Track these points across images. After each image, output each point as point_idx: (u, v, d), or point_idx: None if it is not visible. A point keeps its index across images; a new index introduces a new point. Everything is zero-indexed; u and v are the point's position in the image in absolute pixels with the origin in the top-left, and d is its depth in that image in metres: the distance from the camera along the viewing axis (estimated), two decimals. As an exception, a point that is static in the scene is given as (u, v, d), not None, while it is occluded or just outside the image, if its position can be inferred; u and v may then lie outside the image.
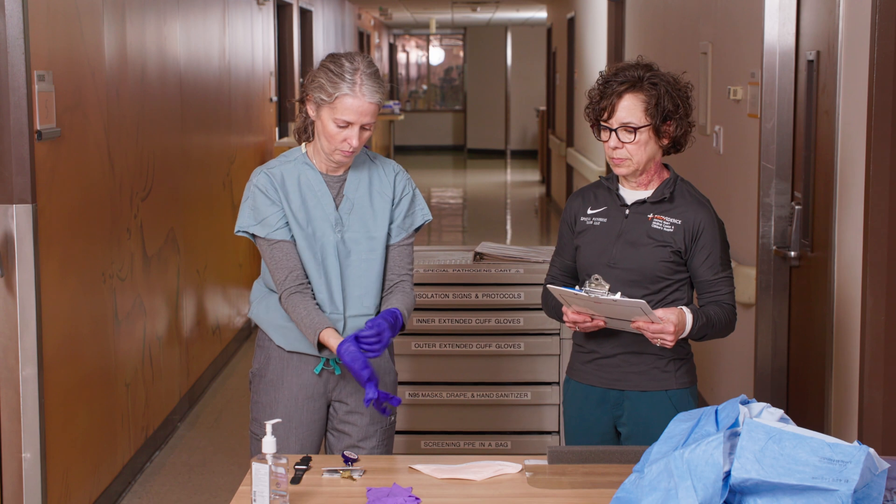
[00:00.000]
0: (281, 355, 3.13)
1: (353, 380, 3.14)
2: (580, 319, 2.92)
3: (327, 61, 3.02)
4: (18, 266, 3.84)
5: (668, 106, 2.94)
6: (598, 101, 2.98)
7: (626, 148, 2.94)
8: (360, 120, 2.97)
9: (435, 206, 15.10)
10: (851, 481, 2.11)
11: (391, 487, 2.61)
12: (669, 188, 3.01)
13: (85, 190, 4.39)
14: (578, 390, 3.13)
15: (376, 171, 3.14)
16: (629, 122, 2.93)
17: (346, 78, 2.96)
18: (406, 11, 18.35)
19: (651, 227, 2.98)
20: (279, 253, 3.04)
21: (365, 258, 3.09)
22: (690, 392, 3.07)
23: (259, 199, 3.05)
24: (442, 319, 4.39)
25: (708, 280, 2.98)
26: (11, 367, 3.87)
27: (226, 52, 6.97)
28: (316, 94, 2.99)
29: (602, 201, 3.07)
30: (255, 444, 3.17)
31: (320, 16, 12.14)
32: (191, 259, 6.04)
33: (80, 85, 4.34)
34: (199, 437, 5.55)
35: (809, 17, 4.29)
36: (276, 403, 3.13)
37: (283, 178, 3.07)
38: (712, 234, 2.98)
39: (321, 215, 3.07)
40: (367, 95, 2.96)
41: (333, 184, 3.10)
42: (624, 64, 3.03)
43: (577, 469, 2.73)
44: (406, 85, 25.29)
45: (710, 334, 2.96)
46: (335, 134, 2.98)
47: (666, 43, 6.89)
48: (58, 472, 4.10)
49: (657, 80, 2.95)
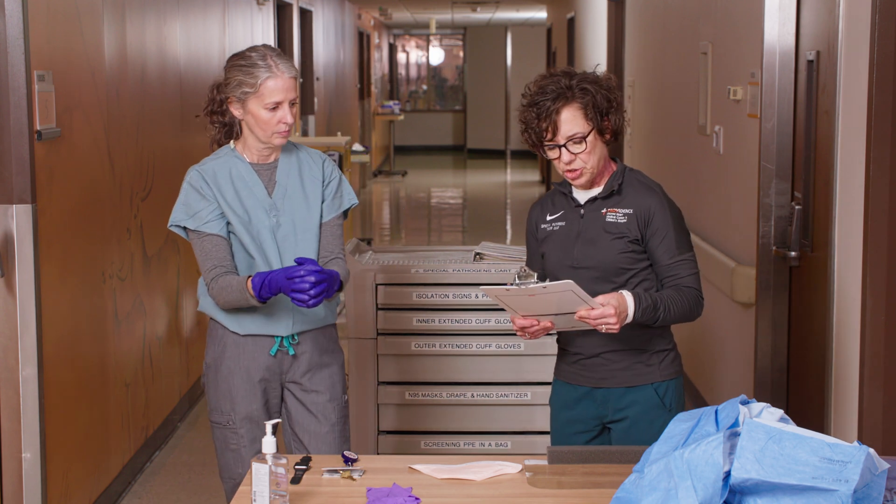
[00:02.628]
0: (236, 342, 3.24)
1: (306, 361, 3.28)
2: (527, 324, 2.93)
3: (234, 60, 3.19)
4: (18, 266, 3.84)
5: (603, 104, 2.99)
6: (536, 124, 2.99)
7: (579, 158, 2.98)
8: (287, 97, 3.14)
9: (435, 206, 15.11)
10: (851, 481, 2.11)
11: (391, 487, 2.61)
12: (618, 180, 3.05)
13: (85, 190, 4.40)
14: (565, 390, 3.16)
15: (305, 158, 3.32)
16: (575, 133, 2.97)
17: (259, 64, 3.13)
18: (406, 11, 18.35)
19: (606, 221, 3.02)
20: (209, 245, 3.20)
21: (301, 238, 3.24)
22: (676, 383, 3.09)
23: (191, 195, 3.21)
24: (442, 319, 4.39)
25: (665, 264, 3.00)
26: (11, 367, 3.87)
27: (226, 53, 6.97)
28: (238, 92, 3.15)
29: (559, 206, 3.13)
30: (219, 433, 3.28)
31: (320, 16, 12.14)
32: (191, 259, 6.04)
33: (80, 85, 4.34)
34: (199, 437, 5.55)
35: (809, 17, 4.29)
36: (235, 389, 3.24)
37: (214, 172, 3.22)
38: (663, 217, 3.01)
39: (255, 203, 3.22)
40: (286, 72, 3.15)
41: (264, 172, 3.26)
42: (543, 77, 3.04)
43: (577, 469, 2.74)
44: (406, 85, 25.29)
45: (664, 317, 2.95)
46: (269, 119, 3.14)
47: (666, 43, 6.89)
48: (58, 472, 4.10)
49: (585, 84, 2.99)
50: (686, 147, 6.24)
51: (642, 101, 7.78)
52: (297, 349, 3.27)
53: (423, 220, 13.76)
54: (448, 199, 15.79)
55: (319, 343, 3.31)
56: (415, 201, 15.46)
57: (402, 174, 18.23)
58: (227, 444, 3.26)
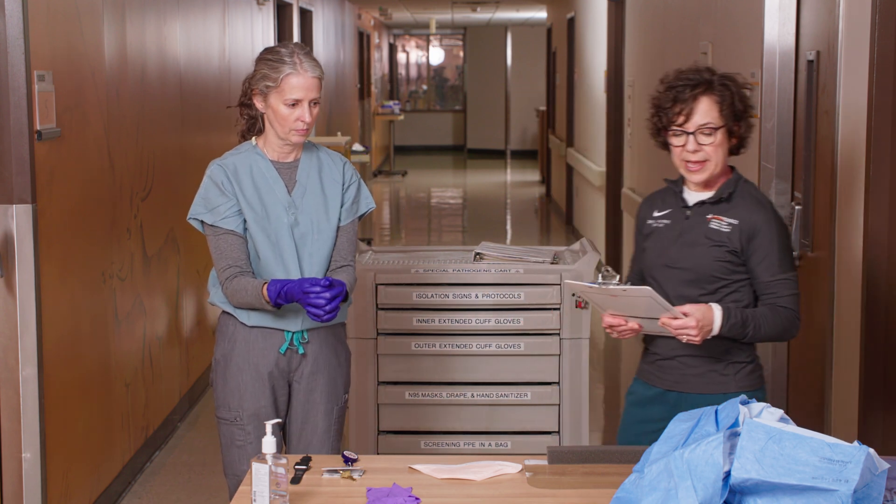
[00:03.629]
0: (246, 337, 3.26)
1: (313, 360, 3.29)
2: (615, 322, 2.94)
3: (263, 55, 3.23)
4: (18, 266, 3.84)
5: (738, 107, 2.99)
6: (670, 107, 3.00)
7: (705, 150, 2.98)
8: (307, 95, 3.17)
9: (435, 206, 15.11)
10: (851, 481, 2.11)
11: (391, 487, 2.61)
12: (730, 188, 3.03)
13: (85, 190, 4.40)
14: (641, 389, 3.15)
15: (326, 159, 3.34)
16: (707, 123, 2.97)
17: (286, 61, 3.16)
18: (406, 11, 18.35)
19: (709, 227, 3.01)
20: (224, 243, 3.20)
21: (318, 238, 3.26)
22: (754, 396, 2.99)
23: (211, 190, 3.22)
24: (442, 319, 4.39)
25: (765, 282, 2.97)
26: (11, 367, 3.87)
27: (226, 52, 6.97)
28: (261, 85, 3.19)
29: (668, 204, 3.12)
30: (225, 429, 3.28)
31: (320, 16, 12.14)
32: (191, 259, 6.04)
33: (80, 85, 4.34)
34: (199, 437, 5.55)
35: (809, 17, 4.29)
36: (244, 386, 3.25)
37: (235, 168, 3.24)
38: (769, 235, 2.98)
39: (274, 200, 3.23)
40: (310, 71, 3.18)
41: (285, 170, 3.28)
42: (686, 69, 3.06)
43: (577, 469, 2.74)
44: (406, 85, 25.29)
45: (752, 335, 2.94)
46: (287, 115, 3.17)
47: (666, 43, 6.89)
48: (58, 472, 4.10)
49: (726, 82, 3.00)
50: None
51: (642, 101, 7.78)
52: (307, 348, 3.29)
53: (423, 220, 13.76)
54: (448, 199, 15.79)
55: (328, 341, 3.33)
56: (415, 201, 15.46)
57: (402, 174, 18.23)
58: (233, 441, 3.27)
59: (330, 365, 3.33)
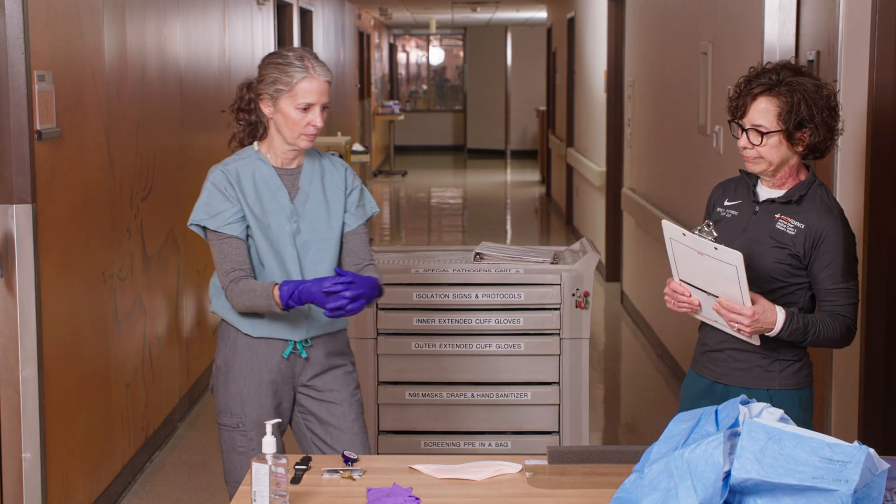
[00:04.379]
0: (248, 343, 3.22)
1: (318, 363, 3.27)
2: (679, 290, 2.93)
3: (271, 58, 3.20)
4: (18, 266, 3.84)
5: (804, 113, 2.89)
6: (735, 98, 2.98)
7: (757, 149, 2.94)
8: (319, 100, 3.15)
9: (435, 206, 15.11)
10: (851, 481, 2.11)
11: (391, 487, 2.61)
12: (801, 191, 2.97)
13: (85, 190, 4.40)
14: (693, 381, 3.15)
15: (328, 166, 3.32)
16: (759, 125, 2.92)
17: (297, 65, 3.14)
18: (406, 11, 18.35)
19: (775, 227, 2.97)
20: (228, 248, 3.16)
21: (321, 246, 3.24)
22: (797, 395, 3.00)
23: (214, 195, 3.18)
24: (442, 319, 4.39)
25: (826, 289, 2.93)
26: (11, 367, 3.87)
27: (226, 52, 6.97)
28: (271, 89, 3.15)
29: (740, 195, 3.09)
30: (227, 436, 3.24)
31: (320, 16, 12.14)
32: (191, 259, 6.04)
33: (80, 85, 4.34)
34: (199, 437, 5.55)
35: (809, 17, 4.29)
36: (247, 391, 3.21)
37: (238, 174, 3.20)
38: (835, 243, 2.92)
39: (276, 207, 3.20)
40: (322, 75, 3.16)
41: (287, 177, 3.25)
42: (773, 63, 2.99)
43: (577, 469, 2.73)
44: (406, 85, 25.29)
45: (811, 341, 2.91)
46: (299, 119, 3.14)
47: (666, 43, 6.89)
48: (58, 472, 4.10)
49: (795, 86, 2.90)
50: (686, 147, 6.24)
51: (642, 101, 7.78)
52: (310, 352, 3.26)
53: (423, 220, 13.76)
54: (448, 199, 15.79)
55: (331, 347, 3.30)
56: (415, 201, 15.46)
57: (402, 174, 18.23)
58: (235, 447, 3.23)
59: (335, 366, 3.31)
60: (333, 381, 3.30)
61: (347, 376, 3.33)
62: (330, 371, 3.30)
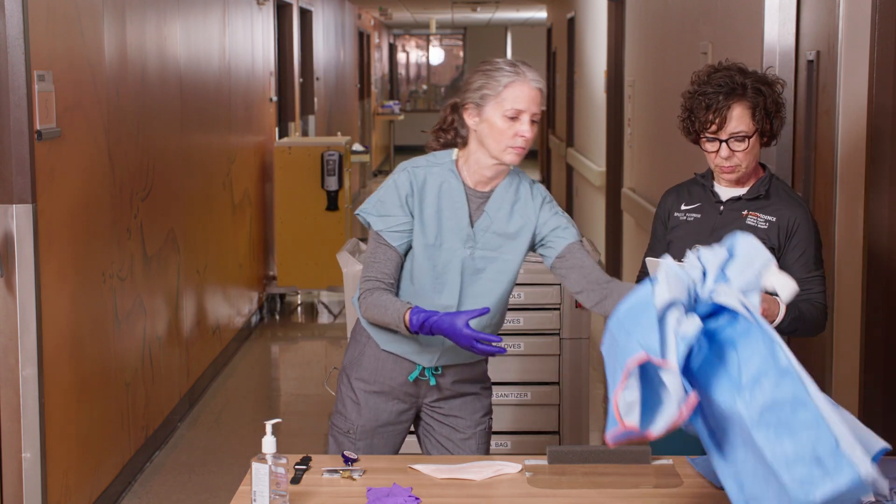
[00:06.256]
0: (377, 354, 3.05)
1: (446, 389, 3.09)
2: None
3: (479, 67, 2.98)
4: (18, 266, 3.84)
5: (771, 108, 2.99)
6: (703, 115, 2.99)
7: (737, 155, 2.98)
8: (529, 108, 2.88)
9: (435, 206, 15.07)
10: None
11: (391, 487, 2.61)
12: (765, 186, 3.04)
13: (85, 190, 4.40)
14: None
15: (524, 193, 3.00)
16: (740, 131, 2.97)
17: (506, 70, 2.91)
18: (406, 11, 18.36)
19: (745, 223, 3.01)
20: (381, 254, 2.95)
21: (492, 278, 2.97)
22: None
23: (390, 196, 2.95)
24: (442, 319, 4.38)
25: (801, 278, 2.97)
26: (11, 367, 3.87)
27: (226, 52, 6.97)
28: (476, 96, 2.91)
29: (696, 198, 3.12)
30: (337, 438, 3.09)
31: (320, 16, 12.14)
32: (191, 259, 6.04)
33: (80, 85, 4.34)
34: (199, 437, 5.55)
35: (809, 17, 4.29)
36: (364, 401, 3.07)
37: (425, 181, 2.95)
38: (807, 232, 3.01)
39: (453, 227, 2.95)
40: (534, 81, 2.91)
41: (475, 198, 2.97)
42: (715, 69, 3.02)
43: (577, 469, 2.73)
44: (406, 85, 25.29)
45: (801, 329, 2.96)
46: (505, 129, 2.86)
47: (666, 43, 6.89)
48: (58, 472, 4.10)
49: (759, 86, 2.99)
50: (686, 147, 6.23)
51: (642, 101, 7.78)
52: (439, 380, 3.07)
53: (423, 220, 13.72)
54: (448, 199, 15.75)
55: (465, 375, 3.10)
56: (415, 201, 15.42)
57: (402, 174, 18.19)
58: (341, 451, 3.06)
59: (466, 392, 3.12)
60: (461, 408, 3.12)
61: (476, 402, 3.14)
62: (459, 398, 3.12)
